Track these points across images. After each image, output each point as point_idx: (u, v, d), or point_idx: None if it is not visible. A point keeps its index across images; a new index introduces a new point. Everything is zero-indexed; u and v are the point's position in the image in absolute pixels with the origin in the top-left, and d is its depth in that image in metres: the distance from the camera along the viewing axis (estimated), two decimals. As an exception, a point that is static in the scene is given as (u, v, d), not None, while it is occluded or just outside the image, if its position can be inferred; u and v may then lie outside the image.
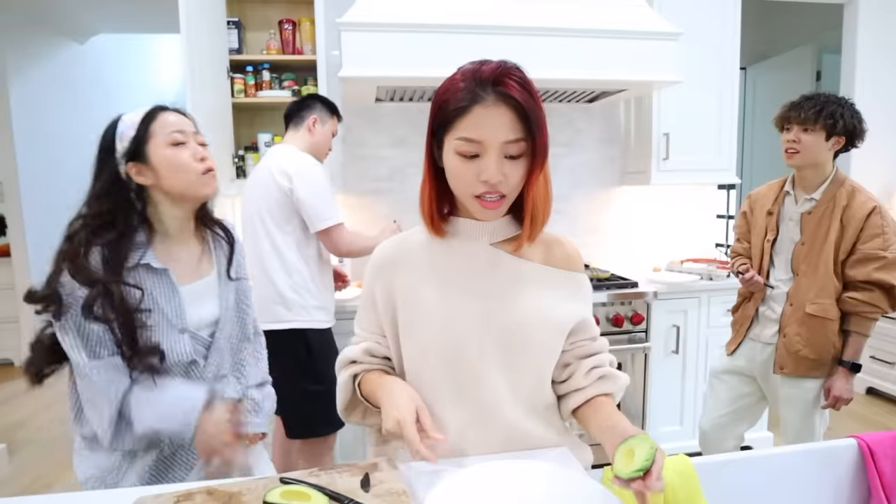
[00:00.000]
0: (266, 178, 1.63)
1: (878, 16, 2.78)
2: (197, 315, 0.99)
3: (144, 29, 4.31)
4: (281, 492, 0.66)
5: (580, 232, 2.56)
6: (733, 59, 2.36)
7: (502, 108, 0.71)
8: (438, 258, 0.83)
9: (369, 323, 0.88)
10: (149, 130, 0.93)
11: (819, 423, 1.55)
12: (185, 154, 0.93)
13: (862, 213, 1.45)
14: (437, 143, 0.77)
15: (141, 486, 0.83)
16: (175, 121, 0.95)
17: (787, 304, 1.56)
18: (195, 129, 0.99)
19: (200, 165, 0.95)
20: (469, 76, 0.73)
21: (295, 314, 1.60)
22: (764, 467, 0.76)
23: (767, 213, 1.65)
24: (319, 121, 1.75)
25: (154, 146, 0.92)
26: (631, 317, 2.12)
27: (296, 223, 1.63)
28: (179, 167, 0.93)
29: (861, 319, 1.47)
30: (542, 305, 0.80)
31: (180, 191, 0.94)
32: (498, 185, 0.72)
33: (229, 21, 2.15)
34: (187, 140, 0.95)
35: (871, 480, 0.80)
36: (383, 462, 0.75)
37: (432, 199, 0.80)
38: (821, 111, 1.47)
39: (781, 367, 1.55)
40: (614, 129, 2.60)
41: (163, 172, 0.92)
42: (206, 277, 1.03)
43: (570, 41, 1.87)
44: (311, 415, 1.65)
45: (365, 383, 0.84)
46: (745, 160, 4.03)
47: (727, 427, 1.70)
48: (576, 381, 0.82)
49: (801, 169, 1.56)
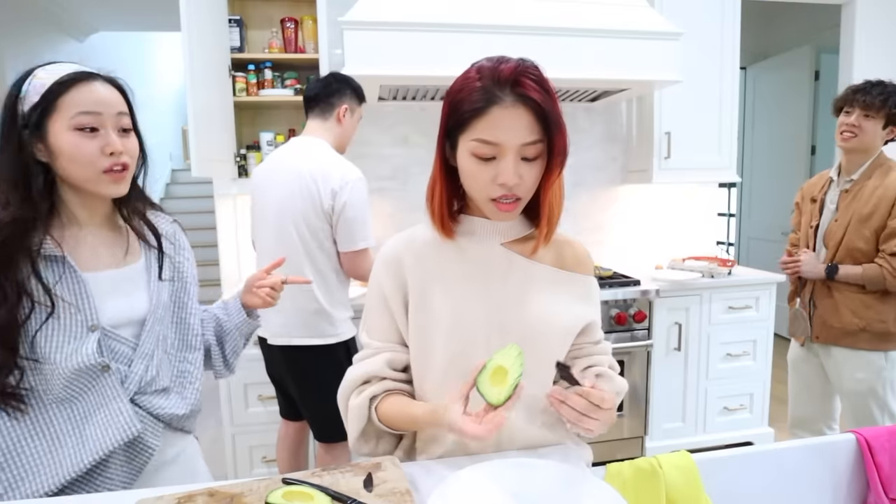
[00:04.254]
0: (306, 188, 1.48)
1: (875, 16, 2.79)
2: (114, 308, 0.82)
3: (145, 27, 4.30)
4: (283, 492, 0.65)
5: (582, 230, 2.57)
6: (733, 59, 2.37)
7: (521, 110, 0.68)
8: (448, 258, 0.80)
9: (384, 330, 0.82)
10: (56, 103, 0.75)
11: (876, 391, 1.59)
12: (90, 145, 0.76)
13: (893, 190, 1.50)
14: (451, 143, 0.74)
15: (141, 489, 0.78)
16: (91, 98, 0.76)
17: (818, 281, 1.64)
18: (122, 110, 0.80)
19: (106, 161, 0.77)
20: (487, 75, 0.69)
21: (337, 328, 1.56)
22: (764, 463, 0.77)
23: (812, 201, 1.71)
24: (350, 110, 1.61)
25: (55, 125, 0.75)
26: (633, 314, 2.13)
27: (332, 240, 1.54)
28: (78, 159, 0.76)
29: (876, 270, 1.51)
30: (551, 309, 0.79)
31: (78, 184, 0.79)
32: (514, 188, 0.70)
33: (231, 19, 2.15)
34: (102, 125, 0.77)
35: (870, 474, 0.81)
36: (386, 462, 0.74)
37: (443, 200, 0.77)
38: (887, 99, 1.51)
39: (817, 337, 1.65)
40: (616, 128, 2.61)
41: (60, 159, 0.76)
42: (131, 266, 0.86)
43: (571, 41, 1.88)
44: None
45: (388, 408, 0.78)
46: (746, 159, 4.05)
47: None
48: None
49: (850, 153, 1.60)
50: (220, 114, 1.99)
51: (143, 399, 0.84)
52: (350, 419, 0.80)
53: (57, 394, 0.78)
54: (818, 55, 3.45)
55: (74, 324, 0.77)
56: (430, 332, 0.79)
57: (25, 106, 0.76)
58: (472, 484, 0.68)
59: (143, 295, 0.86)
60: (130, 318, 0.84)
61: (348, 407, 0.81)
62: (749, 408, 2.37)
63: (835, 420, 1.78)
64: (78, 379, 0.78)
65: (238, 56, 2.16)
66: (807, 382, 1.77)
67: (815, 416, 1.78)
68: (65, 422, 0.79)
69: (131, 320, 0.84)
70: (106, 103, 0.78)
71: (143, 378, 0.83)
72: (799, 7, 3.28)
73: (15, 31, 3.40)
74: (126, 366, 0.82)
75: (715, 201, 2.81)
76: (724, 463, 0.78)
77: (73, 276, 0.78)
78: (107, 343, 0.80)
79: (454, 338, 0.78)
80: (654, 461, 0.76)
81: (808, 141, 3.53)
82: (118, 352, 0.82)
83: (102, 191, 0.80)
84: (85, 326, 0.78)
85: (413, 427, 0.77)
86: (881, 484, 0.80)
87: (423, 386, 0.81)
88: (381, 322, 0.82)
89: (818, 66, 3.47)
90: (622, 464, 0.76)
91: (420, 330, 0.79)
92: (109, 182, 0.79)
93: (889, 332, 1.54)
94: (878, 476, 0.80)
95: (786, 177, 3.65)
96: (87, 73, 0.78)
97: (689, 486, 0.75)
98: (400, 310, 0.81)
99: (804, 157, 3.55)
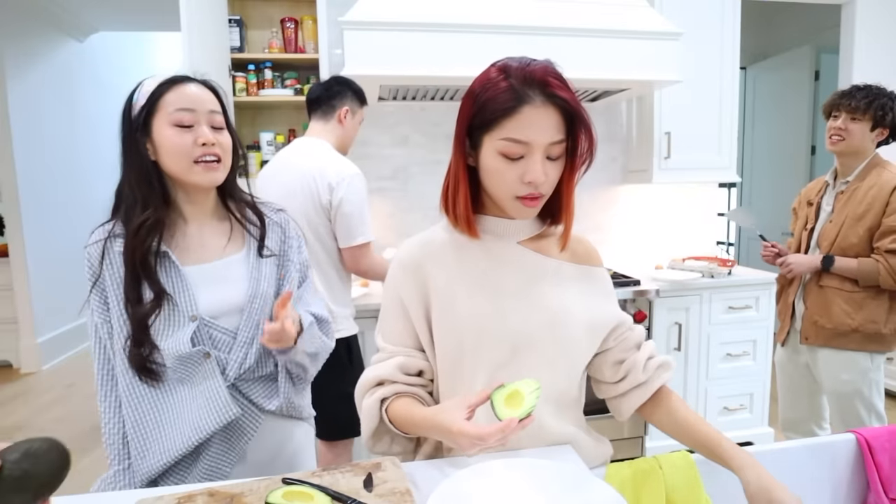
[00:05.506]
0: (306, 186, 1.51)
1: (875, 16, 2.79)
2: (213, 298, 0.88)
3: (145, 27, 4.29)
4: (283, 493, 0.65)
5: (583, 230, 2.51)
6: (733, 59, 2.37)
7: (550, 110, 0.70)
8: (468, 259, 0.81)
9: (399, 334, 0.82)
10: (157, 103, 0.85)
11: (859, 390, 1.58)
12: (185, 137, 0.84)
13: (888, 188, 1.51)
14: (472, 143, 0.75)
15: (141, 489, 0.82)
16: (187, 96, 0.86)
17: (810, 278, 1.64)
18: (214, 108, 0.88)
19: (198, 151, 0.85)
20: (517, 75, 0.70)
21: (339, 325, 1.56)
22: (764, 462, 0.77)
23: (808, 204, 1.72)
24: (350, 112, 1.65)
25: (158, 122, 0.85)
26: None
27: (333, 236, 1.56)
28: (174, 150, 0.84)
29: (872, 265, 1.51)
30: (571, 302, 0.80)
31: (175, 175, 0.87)
32: (540, 186, 0.72)
33: (231, 19, 2.15)
34: (196, 121, 0.85)
35: (870, 474, 0.81)
36: (386, 462, 0.74)
37: (468, 199, 0.77)
38: (872, 102, 1.52)
39: (806, 338, 1.64)
40: (616, 127, 2.61)
41: (161, 152, 0.85)
42: (232, 256, 0.92)
43: (571, 41, 1.88)
44: (352, 415, 1.66)
45: (397, 410, 0.78)
46: (745, 159, 4.05)
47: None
48: (635, 376, 0.83)
49: (842, 156, 1.62)
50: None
51: (244, 385, 0.90)
52: (363, 419, 0.82)
53: (173, 375, 0.86)
54: (818, 55, 3.45)
55: (176, 314, 0.85)
56: (459, 333, 0.78)
57: (135, 111, 0.85)
58: (472, 484, 0.68)
59: (244, 284, 0.90)
60: (231, 306, 0.89)
61: (362, 407, 0.82)
62: (749, 408, 2.37)
63: (825, 420, 1.78)
64: (183, 365, 0.85)
65: (238, 56, 2.16)
66: (793, 384, 1.77)
67: (803, 417, 1.78)
68: (177, 402, 0.87)
69: (232, 309, 0.89)
70: (199, 101, 0.86)
71: (242, 365, 0.89)
72: (799, 7, 3.28)
73: (15, 31, 3.40)
74: (226, 353, 0.88)
75: (715, 201, 2.81)
76: (724, 463, 0.78)
77: (175, 269, 0.86)
78: (206, 332, 0.87)
79: (483, 336, 0.78)
80: (654, 461, 0.76)
81: (807, 141, 3.53)
82: (218, 340, 0.88)
83: (197, 180, 0.86)
84: (186, 316, 0.85)
85: (416, 430, 0.77)
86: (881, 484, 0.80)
87: (455, 388, 0.80)
88: (396, 326, 0.83)
89: (818, 66, 3.47)
90: (622, 464, 0.76)
91: (448, 332, 0.79)
92: (203, 171, 0.86)
93: (880, 333, 1.54)
94: (878, 476, 0.80)
95: (785, 177, 3.66)
96: (183, 76, 0.88)
97: (689, 486, 0.75)
98: (420, 314, 0.80)
99: (804, 157, 3.55)
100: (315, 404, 1.61)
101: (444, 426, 0.67)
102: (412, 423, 0.76)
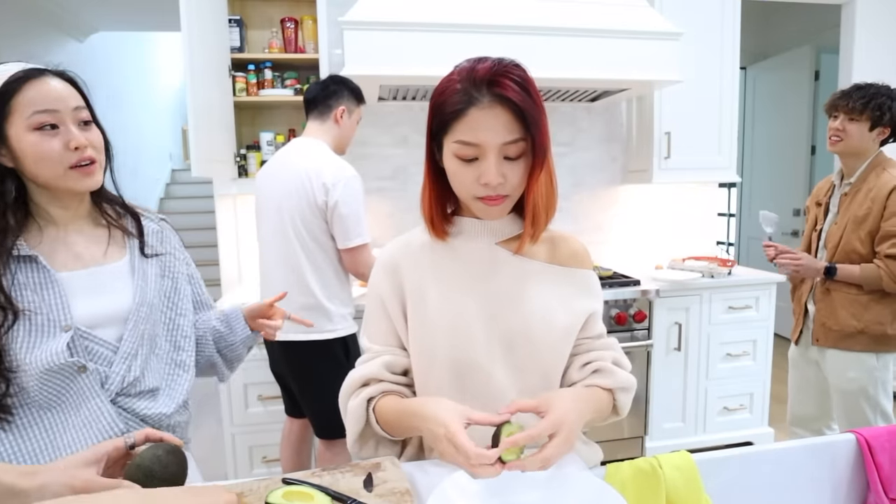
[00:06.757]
0: (301, 186, 1.52)
1: (875, 16, 2.79)
2: (92, 307, 0.79)
3: (145, 26, 4.30)
4: (283, 492, 0.65)
5: (582, 230, 2.57)
6: (733, 59, 2.37)
7: (498, 110, 0.68)
8: (442, 259, 0.81)
9: (383, 334, 0.83)
10: (8, 106, 0.72)
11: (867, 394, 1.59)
12: (52, 143, 0.74)
13: (885, 191, 1.51)
14: (437, 146, 0.75)
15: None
16: (45, 95, 0.74)
17: (818, 280, 1.64)
18: (78, 104, 0.78)
19: (72, 157, 0.75)
20: (464, 76, 0.70)
21: (336, 324, 1.58)
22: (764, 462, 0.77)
23: (817, 205, 1.73)
24: (347, 111, 1.65)
25: (14, 128, 0.73)
26: (633, 314, 2.13)
27: (329, 236, 1.57)
28: (42, 158, 0.74)
29: (874, 271, 1.51)
30: (546, 305, 0.79)
31: (47, 183, 0.77)
32: (498, 188, 0.71)
33: (231, 19, 2.15)
34: (61, 122, 0.75)
35: (870, 474, 0.81)
36: (386, 462, 0.74)
37: (433, 201, 0.78)
38: (868, 102, 1.52)
39: (817, 340, 1.64)
40: (616, 127, 2.61)
41: (25, 162, 0.74)
42: (114, 264, 0.83)
43: (571, 41, 1.88)
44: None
45: (384, 407, 0.77)
46: (745, 159, 4.05)
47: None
48: (569, 375, 0.82)
49: (844, 157, 1.62)
50: (220, 114, 2.00)
51: (126, 401, 0.81)
52: (349, 421, 0.80)
53: (36, 399, 0.75)
54: (818, 55, 3.46)
55: (47, 324, 0.75)
56: (429, 333, 0.79)
57: None
58: (471, 484, 0.68)
59: (126, 293, 0.82)
60: (111, 316, 0.80)
61: (347, 409, 0.81)
62: (749, 408, 2.37)
63: (834, 420, 1.79)
64: (51, 380, 0.75)
65: (238, 56, 2.16)
66: (805, 381, 1.78)
67: (813, 415, 1.79)
68: (46, 430, 0.76)
69: (113, 319, 0.80)
70: (61, 98, 0.75)
71: (125, 378, 0.80)
72: (799, 7, 3.28)
73: (15, 31, 3.40)
74: (107, 366, 0.79)
75: (715, 201, 2.81)
76: (724, 463, 0.78)
77: (47, 275, 0.76)
78: (82, 343, 0.77)
79: (454, 337, 0.78)
80: (654, 461, 0.76)
81: (807, 141, 3.53)
82: (96, 352, 0.79)
83: (74, 187, 0.78)
84: (58, 326, 0.75)
85: (406, 420, 0.75)
86: (881, 484, 0.80)
87: (427, 387, 0.80)
88: (380, 326, 0.83)
89: (818, 66, 3.47)
90: (622, 464, 0.76)
91: (420, 332, 0.80)
92: (79, 177, 0.77)
93: (886, 334, 1.54)
94: (878, 476, 0.80)
95: (786, 177, 3.65)
96: (36, 69, 0.75)
97: (689, 486, 0.75)
98: (398, 314, 0.81)
99: (804, 157, 3.55)
100: (313, 402, 1.61)
101: (440, 419, 0.65)
102: (402, 411, 0.75)
